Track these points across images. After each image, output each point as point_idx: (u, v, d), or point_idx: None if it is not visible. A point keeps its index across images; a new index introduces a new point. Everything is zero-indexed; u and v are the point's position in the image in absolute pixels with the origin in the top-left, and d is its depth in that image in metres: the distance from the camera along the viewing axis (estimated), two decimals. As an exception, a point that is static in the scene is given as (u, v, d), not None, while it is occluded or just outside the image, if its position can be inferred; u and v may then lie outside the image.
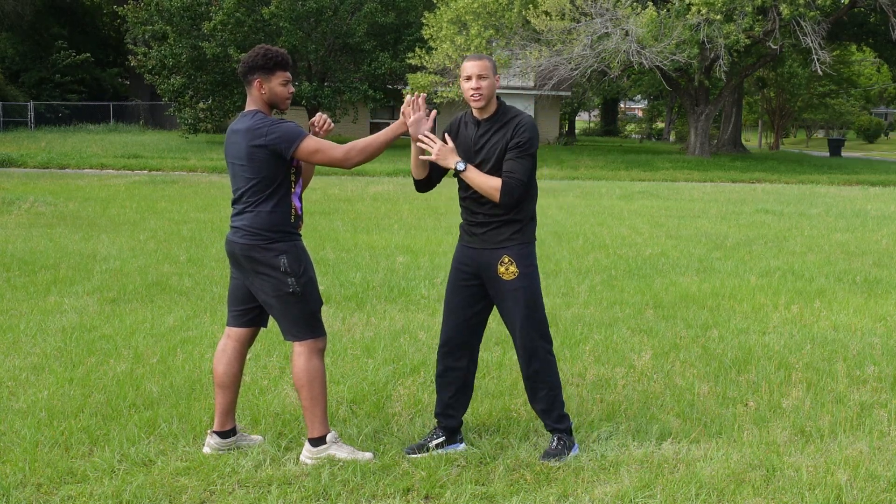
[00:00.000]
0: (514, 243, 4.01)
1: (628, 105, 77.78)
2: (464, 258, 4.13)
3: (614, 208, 15.47)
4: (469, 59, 4.01)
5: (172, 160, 24.29)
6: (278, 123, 3.87)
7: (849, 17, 31.92)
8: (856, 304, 7.60)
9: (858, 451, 4.18)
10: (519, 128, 3.95)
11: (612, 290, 8.00)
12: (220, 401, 4.10)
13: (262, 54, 3.92)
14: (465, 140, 4.05)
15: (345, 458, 3.97)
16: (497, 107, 4.04)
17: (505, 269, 4.00)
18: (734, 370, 5.52)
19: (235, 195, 3.98)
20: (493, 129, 4.00)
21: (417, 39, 30.61)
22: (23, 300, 7.14)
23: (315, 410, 3.99)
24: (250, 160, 3.85)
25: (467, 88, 3.98)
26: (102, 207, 13.64)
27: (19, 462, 3.91)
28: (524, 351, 4.06)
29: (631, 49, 25.11)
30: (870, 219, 14.43)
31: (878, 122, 59.68)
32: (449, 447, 4.16)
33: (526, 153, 3.94)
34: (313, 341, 3.98)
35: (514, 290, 4.00)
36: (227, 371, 4.09)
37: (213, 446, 4.07)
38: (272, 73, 3.93)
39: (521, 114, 4.04)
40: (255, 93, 3.94)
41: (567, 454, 4.07)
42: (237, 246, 3.93)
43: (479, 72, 3.95)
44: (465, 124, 4.11)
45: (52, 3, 40.98)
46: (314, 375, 3.96)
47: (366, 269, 8.72)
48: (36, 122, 37.72)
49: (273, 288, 3.90)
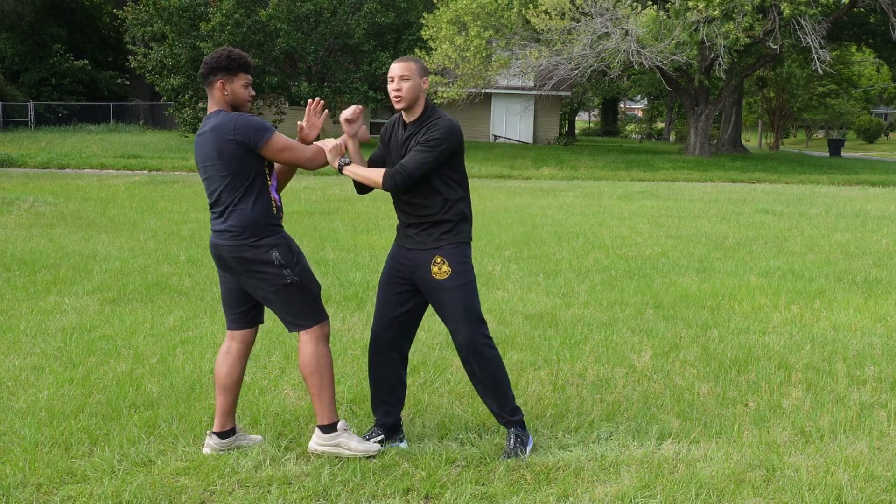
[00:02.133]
0: (446, 243, 4.04)
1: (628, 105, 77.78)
2: (399, 258, 4.17)
3: (614, 208, 15.47)
4: (395, 62, 4.07)
5: (172, 160, 24.28)
6: (246, 117, 3.87)
7: (849, 17, 31.92)
8: (856, 304, 7.60)
9: (858, 452, 4.18)
10: (433, 126, 3.99)
11: (612, 290, 8.00)
12: (221, 402, 4.10)
13: (225, 56, 3.92)
14: (395, 142, 4.13)
15: (355, 447, 3.98)
16: (423, 110, 4.07)
17: (438, 268, 4.03)
18: (734, 370, 5.52)
19: (213, 198, 3.95)
20: (416, 130, 4.04)
21: (417, 40, 30.61)
22: (23, 300, 7.14)
23: (323, 398, 3.99)
24: (221, 157, 3.84)
25: (390, 90, 4.04)
26: (102, 207, 13.64)
27: (19, 462, 3.91)
28: (466, 349, 4.07)
29: (631, 49, 25.12)
30: (870, 219, 14.43)
31: (878, 122, 59.68)
32: (392, 444, 4.19)
33: (427, 146, 3.94)
34: (318, 327, 4.00)
35: (448, 289, 4.03)
36: (229, 373, 4.09)
37: (212, 447, 4.07)
38: (235, 74, 3.93)
39: (444, 116, 4.07)
40: (216, 94, 3.94)
41: (525, 449, 4.09)
42: (224, 249, 3.91)
43: (401, 73, 4.00)
44: (398, 127, 4.17)
45: (52, 3, 40.97)
46: (322, 362, 3.97)
47: (366, 269, 8.72)
48: (36, 123, 37.72)
49: (270, 283, 3.90)
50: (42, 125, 37.38)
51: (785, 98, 47.23)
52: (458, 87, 28.33)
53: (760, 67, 34.56)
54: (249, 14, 30.17)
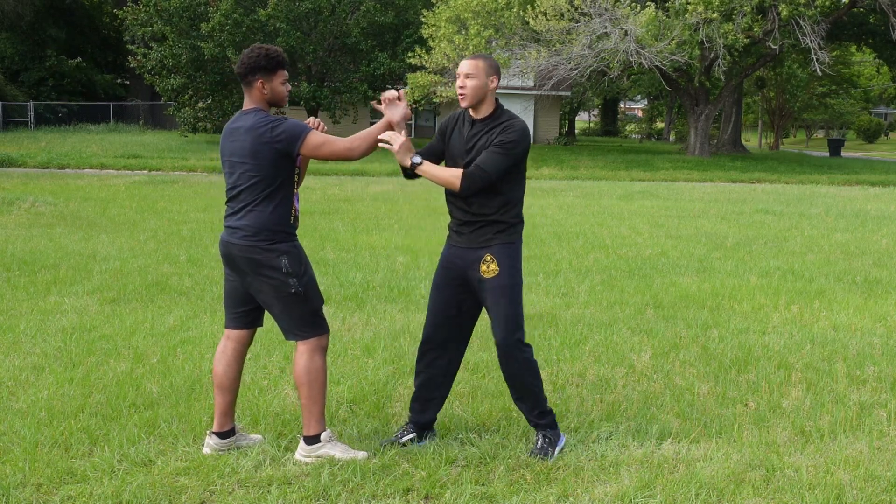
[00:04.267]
0: (497, 242, 4.05)
1: (628, 105, 77.75)
2: (451, 257, 4.16)
3: (614, 208, 15.47)
4: (466, 58, 4.06)
5: (172, 160, 24.28)
6: (282, 121, 3.89)
7: (848, 17, 31.91)
8: (856, 304, 7.60)
9: (858, 451, 4.18)
10: (507, 128, 3.98)
11: (612, 290, 8.00)
12: (220, 402, 4.10)
13: (263, 54, 3.93)
14: (459, 138, 4.10)
15: (340, 456, 3.98)
16: (493, 109, 4.06)
17: (486, 266, 4.03)
18: (734, 370, 5.52)
19: (233, 192, 3.95)
20: (484, 129, 4.03)
21: (417, 39, 30.59)
22: (23, 300, 7.14)
23: (313, 408, 4.00)
24: (254, 157, 3.85)
25: (457, 87, 4.04)
26: (102, 207, 13.64)
27: (19, 462, 3.91)
28: (503, 350, 4.09)
29: (630, 49, 25.11)
30: (870, 219, 14.43)
31: (878, 122, 59.67)
32: (422, 443, 4.22)
33: (503, 149, 3.94)
34: (317, 339, 3.99)
35: (493, 288, 4.03)
36: (226, 372, 4.09)
37: (212, 447, 4.07)
38: (273, 72, 3.95)
39: (515, 118, 4.07)
40: (255, 93, 3.95)
41: (554, 450, 4.10)
42: (235, 247, 3.92)
43: (468, 71, 4.00)
44: (462, 123, 4.14)
45: (52, 3, 40.97)
46: (315, 374, 3.97)
47: (366, 269, 8.72)
48: (36, 122, 37.72)
49: (274, 289, 3.90)
50: (42, 125, 37.37)
51: (785, 98, 47.23)
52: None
53: (760, 67, 34.56)
54: (249, 14, 30.17)
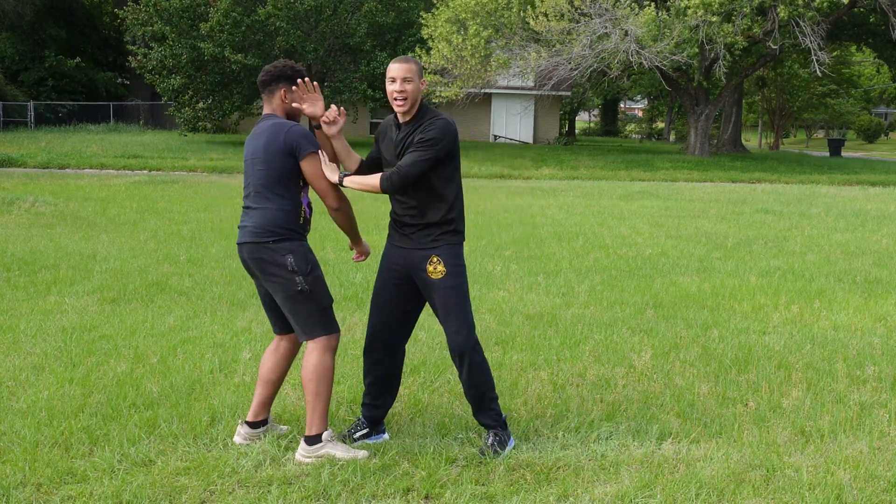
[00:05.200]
0: (442, 244, 4.07)
1: (628, 105, 77.76)
2: (394, 258, 4.18)
3: (614, 208, 15.47)
4: (395, 62, 4.03)
5: (172, 160, 24.28)
6: (299, 128, 4.02)
7: (848, 17, 31.91)
8: (856, 304, 7.60)
9: (858, 451, 4.18)
10: (428, 126, 3.98)
11: (612, 290, 8.00)
12: (260, 392, 4.21)
13: (289, 66, 4.11)
14: (389, 144, 4.12)
15: (341, 455, 3.99)
16: (417, 110, 4.06)
17: (433, 268, 4.05)
18: (734, 370, 5.52)
19: (247, 191, 4.08)
20: (411, 131, 4.04)
21: (418, 40, 30.59)
22: (23, 300, 7.14)
23: (317, 407, 4.01)
24: (265, 157, 3.97)
25: (391, 91, 4.00)
26: (102, 207, 13.64)
27: (19, 462, 3.91)
28: (453, 349, 4.10)
29: (630, 49, 25.11)
30: (870, 219, 14.43)
31: (878, 122, 59.68)
32: (373, 438, 4.27)
33: (424, 147, 3.94)
34: (326, 338, 4.02)
35: (443, 289, 4.05)
36: (273, 368, 4.20)
37: (242, 435, 4.17)
38: (295, 84, 4.09)
39: (438, 114, 4.07)
40: (276, 101, 4.09)
41: (504, 450, 4.11)
42: (245, 248, 4.01)
43: (404, 75, 3.97)
44: (390, 128, 4.16)
45: (52, 3, 40.96)
46: (323, 373, 3.99)
47: (366, 269, 8.72)
48: (36, 122, 37.71)
49: (282, 288, 3.95)
50: (42, 125, 37.37)
51: (785, 98, 47.22)
52: (457, 88, 28.30)
53: (760, 67, 34.56)
54: (249, 13, 30.16)
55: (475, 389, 4.15)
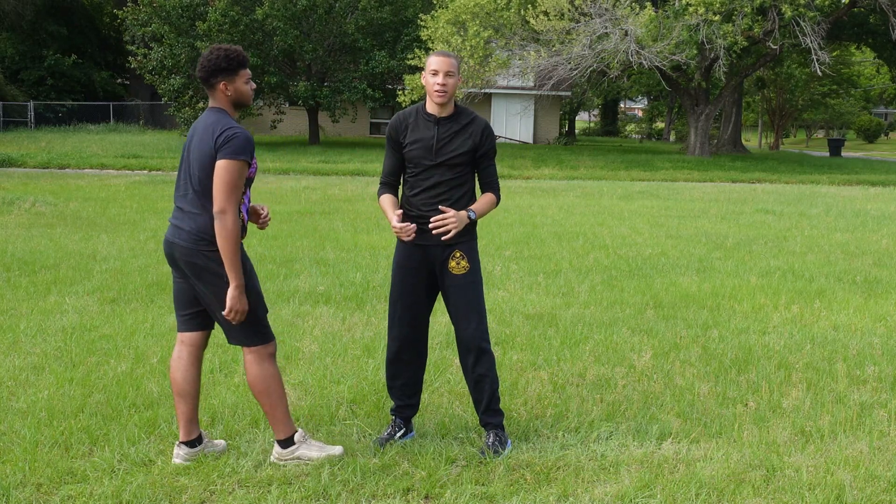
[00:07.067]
0: (466, 239, 4.11)
1: (628, 105, 77.77)
2: (413, 257, 4.16)
3: (614, 208, 15.47)
4: (437, 55, 4.04)
5: (172, 160, 24.27)
6: (233, 132, 3.72)
7: (849, 17, 31.91)
8: (856, 304, 7.60)
9: (858, 451, 4.18)
10: (486, 135, 4.12)
11: (612, 290, 8.00)
12: (183, 409, 3.98)
13: (223, 56, 3.80)
14: (424, 138, 4.08)
15: (316, 455, 3.96)
16: (454, 105, 4.12)
17: (456, 263, 4.08)
18: (734, 370, 5.52)
19: (181, 190, 3.84)
20: (453, 129, 4.07)
21: (416, 39, 30.57)
22: (23, 300, 7.14)
23: (277, 414, 3.95)
24: (200, 160, 3.75)
25: (433, 83, 4.00)
26: (102, 207, 13.64)
27: (19, 462, 3.91)
28: (470, 345, 4.11)
29: (630, 49, 25.11)
30: (870, 219, 14.43)
31: (878, 122, 59.66)
32: (408, 436, 4.30)
33: (494, 154, 4.18)
34: (263, 346, 3.90)
35: (465, 285, 4.08)
36: (185, 378, 3.96)
37: (182, 457, 3.97)
38: (235, 73, 3.83)
39: (478, 116, 4.17)
40: (219, 95, 3.85)
41: (503, 450, 4.11)
42: (177, 248, 3.80)
43: (448, 69, 4.01)
44: (420, 121, 4.12)
45: (52, 3, 40.98)
46: (270, 381, 3.90)
47: (366, 269, 8.72)
48: (36, 122, 37.74)
49: (216, 296, 3.79)
50: (42, 125, 37.39)
51: (785, 98, 47.22)
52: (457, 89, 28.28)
53: (760, 67, 34.56)
54: (247, 13, 30.14)
55: (489, 384, 4.15)
